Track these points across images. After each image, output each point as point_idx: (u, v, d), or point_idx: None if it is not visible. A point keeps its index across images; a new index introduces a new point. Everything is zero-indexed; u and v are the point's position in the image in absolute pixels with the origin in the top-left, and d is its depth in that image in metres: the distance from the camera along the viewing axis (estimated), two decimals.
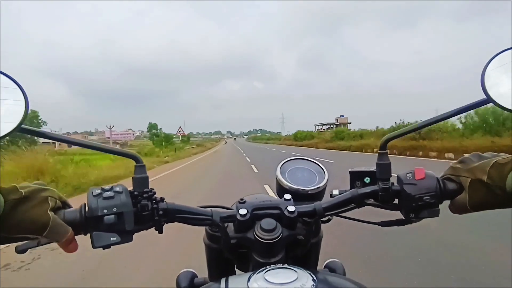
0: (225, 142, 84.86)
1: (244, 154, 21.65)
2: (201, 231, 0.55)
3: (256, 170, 10.48)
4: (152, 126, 39.33)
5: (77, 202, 0.43)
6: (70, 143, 0.45)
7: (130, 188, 0.45)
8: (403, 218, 0.49)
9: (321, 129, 65.26)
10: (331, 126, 62.63)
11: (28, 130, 0.40)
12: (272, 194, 0.67)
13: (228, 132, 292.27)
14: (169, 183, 8.29)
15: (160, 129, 39.20)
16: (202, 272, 0.59)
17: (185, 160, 18.14)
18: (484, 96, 0.41)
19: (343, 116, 67.77)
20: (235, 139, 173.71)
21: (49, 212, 0.39)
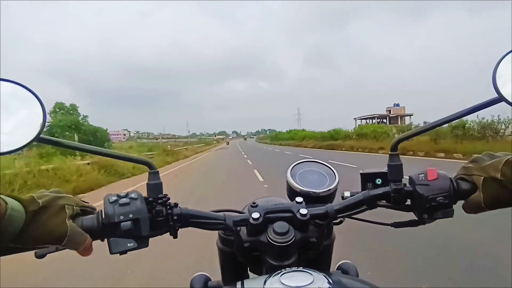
0: (227, 143, 58.42)
1: None
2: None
3: None
4: (62, 110, 20.48)
5: None
6: (87, 151, 0.46)
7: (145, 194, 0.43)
8: (416, 219, 0.49)
9: (365, 124, 43.46)
10: (382, 120, 44.22)
11: (46, 139, 0.41)
12: None
13: (234, 132, 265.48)
14: None
15: (84, 118, 22.32)
16: (216, 276, 0.60)
17: None
18: (495, 95, 0.41)
19: (397, 105, 45.30)
20: (245, 139, 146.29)
21: (67, 221, 0.39)
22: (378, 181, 0.52)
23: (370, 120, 47.38)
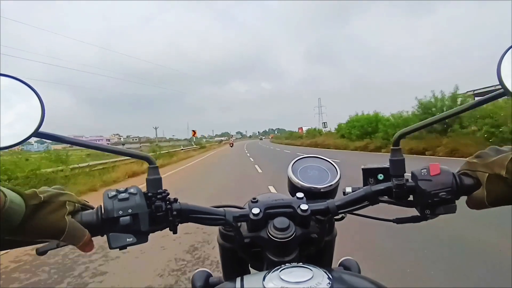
0: (231, 145, 42.72)
1: None
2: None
3: None
4: None
5: None
6: (86, 146, 0.46)
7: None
8: (419, 214, 0.49)
9: None
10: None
11: (45, 134, 0.41)
12: None
13: (238, 132, 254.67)
14: None
15: None
16: (217, 272, 0.60)
17: None
18: (500, 88, 0.40)
19: None
20: (261, 139, 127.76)
21: (66, 217, 0.40)
22: (380, 176, 0.51)
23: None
